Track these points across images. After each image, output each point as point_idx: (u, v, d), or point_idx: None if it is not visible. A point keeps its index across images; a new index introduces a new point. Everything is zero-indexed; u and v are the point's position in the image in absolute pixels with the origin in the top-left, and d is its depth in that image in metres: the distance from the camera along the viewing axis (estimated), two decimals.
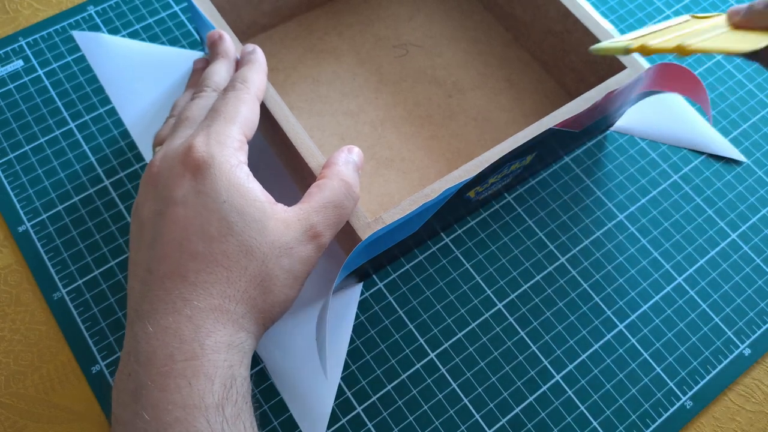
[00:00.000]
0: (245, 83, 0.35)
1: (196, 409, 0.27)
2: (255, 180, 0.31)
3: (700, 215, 0.45)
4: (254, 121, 0.34)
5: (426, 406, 0.39)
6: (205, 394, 0.27)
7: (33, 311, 0.41)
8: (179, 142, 0.32)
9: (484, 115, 0.47)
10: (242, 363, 0.30)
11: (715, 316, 0.42)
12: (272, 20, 0.49)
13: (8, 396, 0.38)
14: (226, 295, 0.29)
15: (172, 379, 0.27)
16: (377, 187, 0.44)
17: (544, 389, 0.39)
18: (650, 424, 0.39)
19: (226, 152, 0.31)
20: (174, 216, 0.30)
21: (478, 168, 0.36)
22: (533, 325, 0.41)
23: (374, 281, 0.42)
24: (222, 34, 0.39)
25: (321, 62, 0.49)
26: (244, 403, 0.29)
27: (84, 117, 0.47)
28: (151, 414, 0.27)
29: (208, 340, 0.28)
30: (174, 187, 0.30)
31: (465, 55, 0.50)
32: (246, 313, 0.30)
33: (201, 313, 0.29)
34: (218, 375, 0.28)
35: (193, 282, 0.29)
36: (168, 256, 0.29)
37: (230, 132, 0.32)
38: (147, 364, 0.28)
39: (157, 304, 0.29)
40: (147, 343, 0.28)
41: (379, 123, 0.47)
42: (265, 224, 0.30)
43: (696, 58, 0.52)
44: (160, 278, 0.29)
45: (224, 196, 0.30)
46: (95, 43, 0.49)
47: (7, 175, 0.44)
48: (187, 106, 0.35)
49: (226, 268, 0.29)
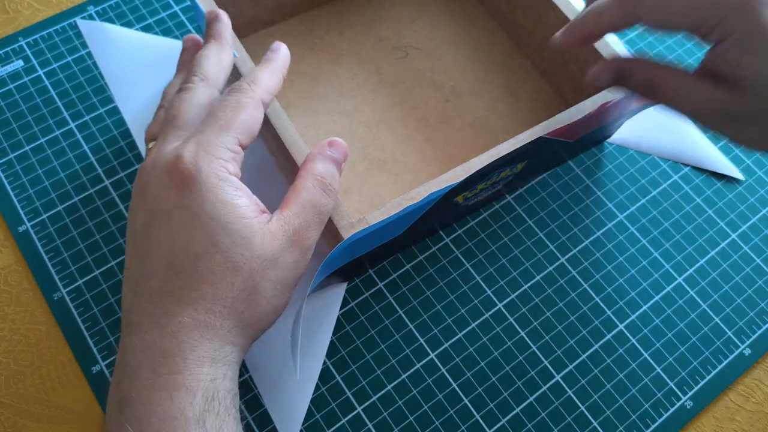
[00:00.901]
0: (252, 84, 0.33)
1: (176, 422, 0.27)
2: (244, 192, 0.31)
3: (700, 215, 0.45)
4: (254, 128, 0.32)
5: (426, 406, 0.39)
6: (185, 408, 0.28)
7: (33, 311, 0.41)
8: (169, 148, 0.31)
9: (480, 121, 0.47)
10: (226, 375, 0.30)
11: (715, 316, 0.42)
12: (274, 17, 0.49)
13: (8, 396, 0.38)
14: (212, 311, 0.29)
15: (154, 393, 0.28)
16: (368, 188, 0.44)
17: (544, 389, 0.39)
18: (650, 424, 0.39)
19: (214, 165, 0.30)
20: (160, 232, 0.30)
21: (465, 173, 0.35)
22: (533, 325, 0.41)
23: (374, 281, 0.42)
24: (219, 14, 0.37)
25: (321, 61, 0.49)
26: (227, 414, 0.29)
27: (84, 117, 0.47)
28: (135, 426, 0.27)
29: (191, 355, 0.28)
30: (160, 200, 0.30)
31: (465, 60, 0.50)
32: (233, 327, 0.30)
33: (185, 328, 0.29)
34: (200, 388, 0.28)
35: (178, 298, 0.29)
36: (155, 273, 0.29)
37: (222, 141, 0.30)
38: (132, 376, 0.28)
39: (143, 317, 0.29)
40: (133, 355, 0.29)
41: (374, 124, 0.47)
42: (251, 240, 0.29)
43: (696, 58, 0.52)
44: (148, 293, 0.29)
45: (210, 212, 0.29)
46: (100, 32, 0.49)
47: (7, 175, 0.44)
48: (175, 100, 0.34)
49: (212, 285, 0.29)
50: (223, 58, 0.36)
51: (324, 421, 0.38)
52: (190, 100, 0.33)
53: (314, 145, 0.45)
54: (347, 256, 0.36)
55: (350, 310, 0.41)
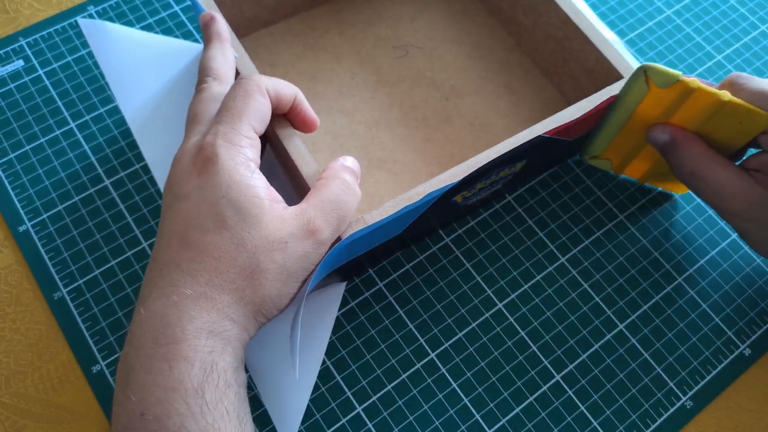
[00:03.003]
0: (252, 75, 0.35)
1: (175, 392, 0.28)
2: (260, 177, 0.32)
3: (700, 215, 0.45)
4: (265, 114, 0.34)
5: (426, 406, 0.39)
6: (184, 378, 0.29)
7: (33, 311, 0.41)
8: (193, 141, 0.34)
9: (480, 120, 0.47)
10: (225, 350, 0.30)
11: (715, 316, 0.42)
12: (274, 16, 0.49)
13: (8, 396, 0.38)
14: (212, 283, 0.30)
15: (156, 362, 0.29)
16: (368, 187, 0.44)
17: (544, 389, 0.39)
18: (650, 424, 0.39)
19: (231, 150, 0.32)
20: (178, 209, 0.32)
21: (464, 172, 0.36)
22: (533, 325, 0.41)
23: (374, 281, 0.42)
24: (214, 16, 0.40)
25: (320, 60, 0.49)
26: (227, 387, 0.30)
27: (84, 117, 0.47)
28: (137, 395, 0.29)
29: (189, 326, 0.29)
30: (183, 184, 0.32)
31: (466, 58, 0.49)
32: (232, 303, 0.31)
33: (186, 299, 0.30)
34: (197, 359, 0.29)
35: (184, 270, 0.30)
36: (168, 246, 0.31)
37: (238, 129, 0.33)
38: (137, 346, 0.30)
39: (152, 289, 0.31)
40: (139, 326, 0.30)
41: (373, 123, 0.46)
42: (260, 219, 0.31)
43: (696, 58, 0.52)
44: (159, 266, 0.31)
45: (224, 191, 0.31)
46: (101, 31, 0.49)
47: (7, 175, 0.44)
48: (194, 101, 0.36)
49: (216, 259, 0.30)
50: (227, 56, 0.39)
51: (324, 421, 0.38)
52: (207, 98, 0.36)
53: (314, 144, 0.45)
54: (346, 256, 0.36)
55: (350, 310, 0.41)
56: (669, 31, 0.53)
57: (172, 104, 0.47)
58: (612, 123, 0.40)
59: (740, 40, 0.53)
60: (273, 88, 0.35)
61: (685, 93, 0.35)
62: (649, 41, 0.52)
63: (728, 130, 0.37)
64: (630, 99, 0.37)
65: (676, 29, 0.53)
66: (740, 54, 0.52)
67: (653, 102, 0.37)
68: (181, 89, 0.47)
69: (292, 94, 0.37)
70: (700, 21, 0.54)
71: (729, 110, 0.35)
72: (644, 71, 0.35)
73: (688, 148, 0.37)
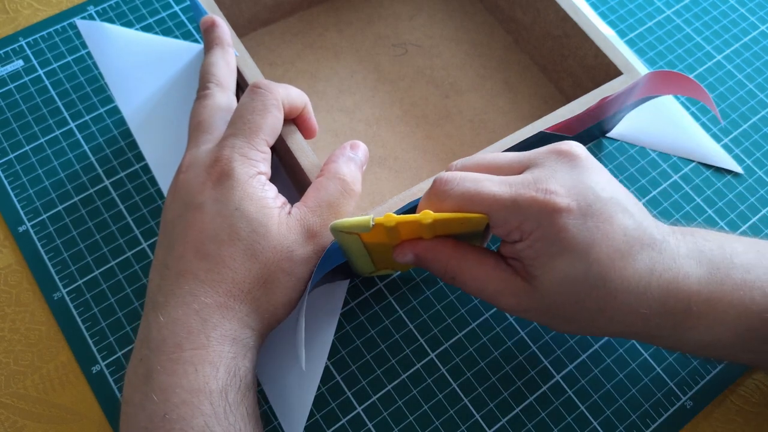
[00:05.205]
0: (271, 85, 0.36)
1: (201, 393, 0.29)
2: (270, 188, 0.34)
3: (700, 215, 0.45)
4: (278, 129, 0.35)
5: (426, 406, 0.39)
6: (209, 380, 0.30)
7: (33, 311, 0.41)
8: (204, 150, 0.34)
9: (480, 117, 0.47)
10: (246, 356, 0.32)
11: None
12: (273, 15, 0.49)
13: (8, 396, 0.38)
14: (231, 294, 0.32)
15: (180, 365, 0.30)
16: (369, 185, 0.44)
17: (544, 389, 0.39)
18: (650, 424, 0.39)
19: (246, 165, 0.33)
20: (192, 219, 0.32)
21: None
22: (533, 325, 0.41)
23: (374, 281, 0.42)
24: (215, 20, 0.40)
25: (320, 58, 0.49)
26: (247, 390, 0.31)
27: (84, 117, 0.47)
28: (160, 396, 0.29)
29: (214, 333, 0.31)
30: (196, 193, 0.33)
31: (464, 56, 0.49)
32: (250, 312, 0.32)
33: (208, 308, 0.31)
34: (222, 364, 0.30)
35: (202, 280, 0.31)
36: (183, 255, 0.32)
37: (255, 144, 0.34)
38: (157, 350, 0.30)
39: (170, 297, 0.31)
40: (158, 331, 0.31)
41: (374, 121, 0.47)
42: (269, 229, 0.32)
43: (696, 58, 0.52)
44: (175, 275, 0.32)
45: (237, 204, 0.32)
46: (99, 32, 0.49)
47: (7, 175, 0.44)
48: (196, 107, 0.37)
49: (233, 270, 0.32)
50: (229, 62, 0.39)
51: (324, 421, 0.38)
52: (211, 105, 0.37)
53: (314, 142, 0.45)
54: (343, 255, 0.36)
55: (350, 310, 0.41)
56: (669, 31, 0.53)
57: (171, 104, 0.47)
58: (357, 255, 0.35)
59: (740, 40, 0.53)
60: (287, 99, 0.36)
61: (390, 228, 0.31)
62: (649, 41, 0.52)
63: (459, 230, 0.33)
64: (351, 245, 0.34)
65: (676, 29, 0.53)
66: (740, 54, 0.52)
67: (373, 236, 0.33)
68: (180, 89, 0.48)
69: (302, 103, 0.38)
70: (700, 21, 0.54)
71: (442, 224, 0.32)
72: (337, 230, 0.32)
73: (436, 259, 0.33)
